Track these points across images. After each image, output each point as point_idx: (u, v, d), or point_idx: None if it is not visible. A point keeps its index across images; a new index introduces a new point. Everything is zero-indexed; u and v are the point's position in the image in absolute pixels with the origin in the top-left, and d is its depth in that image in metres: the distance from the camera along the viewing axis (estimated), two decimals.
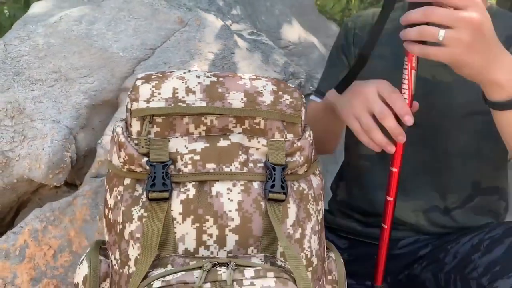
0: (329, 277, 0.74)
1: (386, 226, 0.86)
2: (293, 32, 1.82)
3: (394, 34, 0.92)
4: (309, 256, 0.67)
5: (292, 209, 0.66)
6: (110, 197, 0.68)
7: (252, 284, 0.56)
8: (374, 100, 0.74)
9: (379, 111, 0.73)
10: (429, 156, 0.97)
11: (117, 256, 0.66)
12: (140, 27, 1.12)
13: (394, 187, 0.83)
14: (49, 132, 0.97)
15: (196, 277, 0.56)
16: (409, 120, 0.73)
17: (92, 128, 1.07)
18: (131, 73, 1.07)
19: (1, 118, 0.97)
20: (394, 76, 0.88)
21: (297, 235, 0.66)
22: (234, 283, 0.56)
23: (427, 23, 0.65)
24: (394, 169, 0.81)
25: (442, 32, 0.63)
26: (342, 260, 0.77)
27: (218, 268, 0.57)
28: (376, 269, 0.89)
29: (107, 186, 0.70)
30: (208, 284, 0.55)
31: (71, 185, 1.07)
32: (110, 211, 0.68)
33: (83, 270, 0.68)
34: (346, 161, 1.07)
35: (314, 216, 0.70)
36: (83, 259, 0.70)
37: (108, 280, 0.68)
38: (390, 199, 0.84)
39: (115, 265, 0.67)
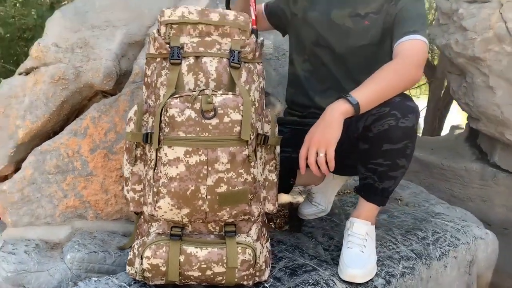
0: (267, 119, 1.31)
1: None
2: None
3: None
4: (253, 99, 1.23)
5: (243, 74, 1.23)
6: (149, 70, 1.25)
7: (221, 95, 1.13)
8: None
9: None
10: (339, 71, 1.53)
11: (153, 98, 1.23)
12: None
13: None
14: (104, 56, 1.54)
15: (194, 93, 1.14)
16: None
17: (128, 58, 1.65)
18: (152, 24, 1.66)
19: (74, 48, 1.55)
20: (325, 19, 1.47)
21: (247, 88, 1.23)
22: (212, 95, 1.13)
23: None
24: None
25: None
26: (274, 114, 1.33)
27: (205, 90, 1.15)
28: None
29: (146, 67, 1.27)
30: (200, 96, 1.13)
31: (113, 95, 1.63)
32: (148, 77, 1.25)
33: (133, 109, 1.25)
34: (292, 72, 1.61)
35: (256, 82, 1.26)
36: (132, 107, 1.27)
37: (147, 114, 1.25)
38: None
39: (150, 104, 1.24)
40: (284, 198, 1.95)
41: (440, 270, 1.54)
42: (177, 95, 1.13)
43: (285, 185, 1.63)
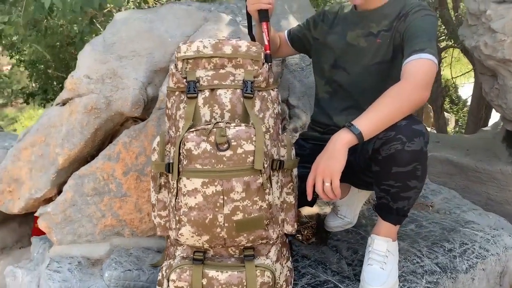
0: (283, 143, 1.36)
1: None
2: (289, 25, 2.43)
3: (343, 19, 1.55)
4: (267, 126, 1.29)
5: (257, 103, 1.28)
6: (169, 102, 1.33)
7: (234, 127, 1.19)
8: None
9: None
10: (356, 91, 1.56)
11: (173, 130, 1.31)
12: (180, 23, 1.79)
13: None
14: (132, 85, 1.64)
15: (209, 126, 1.20)
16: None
17: (154, 84, 1.74)
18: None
19: (104, 78, 1.66)
20: (342, 41, 1.51)
21: (261, 116, 1.28)
22: (226, 128, 1.19)
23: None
24: None
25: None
26: (290, 138, 1.38)
27: (219, 123, 1.21)
28: None
29: (167, 99, 1.35)
30: (214, 129, 1.19)
31: (142, 120, 1.73)
32: (169, 109, 1.33)
33: (156, 140, 1.33)
34: (316, 93, 1.67)
35: (270, 109, 1.31)
36: (156, 138, 1.35)
37: (169, 144, 1.33)
38: None
39: (172, 135, 1.32)
40: (312, 209, 1.99)
41: (467, 283, 1.53)
42: (193, 129, 1.20)
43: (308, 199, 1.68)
